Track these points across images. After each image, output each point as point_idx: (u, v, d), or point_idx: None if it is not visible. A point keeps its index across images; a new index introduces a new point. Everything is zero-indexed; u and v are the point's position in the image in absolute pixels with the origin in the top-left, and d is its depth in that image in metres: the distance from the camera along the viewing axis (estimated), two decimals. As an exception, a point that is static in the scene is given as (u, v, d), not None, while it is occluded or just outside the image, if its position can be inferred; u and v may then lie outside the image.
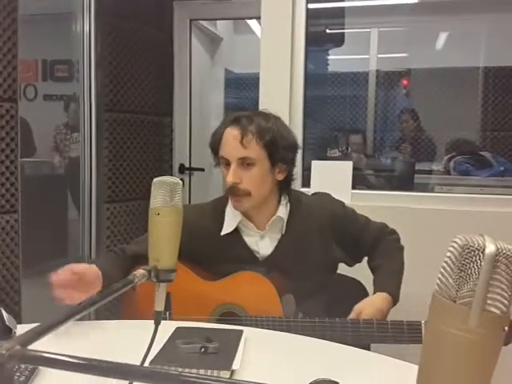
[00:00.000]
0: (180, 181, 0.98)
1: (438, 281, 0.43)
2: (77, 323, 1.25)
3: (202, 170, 3.65)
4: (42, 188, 3.54)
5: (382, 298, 1.43)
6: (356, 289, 1.63)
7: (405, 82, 4.62)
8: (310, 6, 2.39)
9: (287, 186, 1.56)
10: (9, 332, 1.11)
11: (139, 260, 0.91)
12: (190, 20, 3.70)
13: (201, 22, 3.86)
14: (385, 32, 4.50)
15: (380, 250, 1.58)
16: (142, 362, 0.89)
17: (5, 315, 1.13)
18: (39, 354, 0.64)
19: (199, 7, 3.69)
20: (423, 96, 4.45)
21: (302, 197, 1.62)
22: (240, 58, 4.79)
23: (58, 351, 0.70)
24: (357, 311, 1.39)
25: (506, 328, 0.41)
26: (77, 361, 0.56)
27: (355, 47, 4.56)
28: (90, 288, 1.26)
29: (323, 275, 1.52)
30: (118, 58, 3.20)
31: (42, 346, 0.60)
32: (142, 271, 0.86)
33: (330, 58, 4.48)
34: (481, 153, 3.28)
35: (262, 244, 1.53)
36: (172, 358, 1.09)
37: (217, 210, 1.57)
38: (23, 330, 0.60)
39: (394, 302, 1.46)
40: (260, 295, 1.41)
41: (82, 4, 2.99)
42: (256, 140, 1.43)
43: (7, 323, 1.12)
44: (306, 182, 2.35)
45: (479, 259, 0.41)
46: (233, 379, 0.85)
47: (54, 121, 4.07)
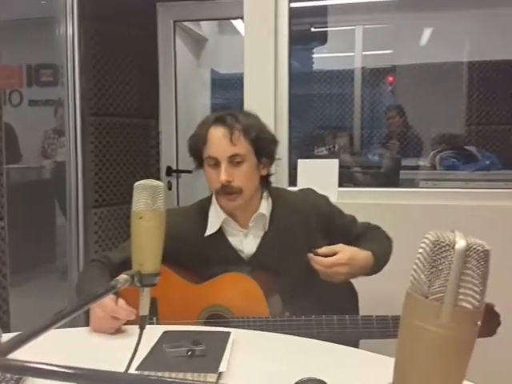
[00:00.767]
0: (162, 184, 0.97)
1: (411, 277, 0.43)
2: (60, 330, 1.24)
3: (190, 171, 3.64)
4: (28, 194, 3.52)
5: (363, 252, 1.47)
6: (344, 287, 1.63)
7: (390, 79, 4.64)
8: (293, 4, 2.39)
9: (268, 181, 1.59)
10: (-7, 341, 1.10)
11: (127, 267, 0.91)
12: (174, 21, 3.69)
13: (185, 23, 3.84)
14: (369, 29, 4.51)
15: (367, 238, 1.59)
16: (127, 368, 0.88)
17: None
18: (20, 364, 0.63)
19: (183, 8, 3.68)
20: (409, 92, 4.47)
21: (284, 193, 1.63)
22: (226, 58, 4.78)
23: (42, 359, 0.70)
24: (331, 249, 1.42)
25: (479, 322, 0.41)
26: (59, 369, 0.56)
27: (340, 45, 4.57)
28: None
29: (309, 271, 1.51)
30: (102, 61, 3.18)
31: (25, 354, 0.60)
32: (124, 276, 0.86)
33: (315, 56, 4.49)
34: (466, 147, 3.30)
35: (246, 243, 1.53)
36: (159, 363, 1.09)
37: (200, 212, 1.57)
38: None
39: (374, 265, 1.48)
40: (246, 296, 1.41)
41: (65, 8, 2.98)
42: (243, 136, 1.45)
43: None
44: (292, 181, 2.35)
45: (450, 255, 0.41)
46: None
47: (39, 126, 4.04)
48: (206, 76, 4.39)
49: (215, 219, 1.53)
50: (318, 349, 1.21)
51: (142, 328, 0.90)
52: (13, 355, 0.59)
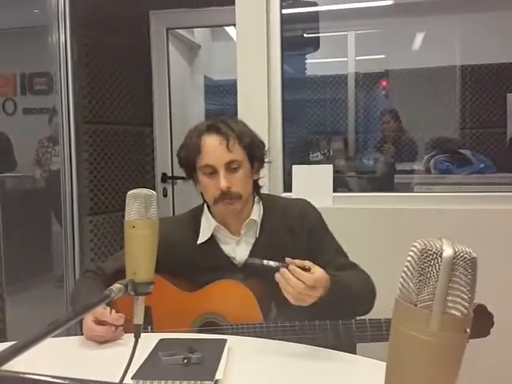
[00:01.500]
0: (154, 193, 0.98)
1: (400, 285, 0.43)
2: (55, 339, 1.23)
3: (185, 178, 3.64)
4: (23, 203, 3.50)
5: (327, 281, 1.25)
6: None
7: (383, 84, 4.65)
8: (285, 11, 2.40)
9: (258, 186, 1.59)
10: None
11: (120, 277, 0.91)
12: (167, 29, 3.71)
13: (178, 30, 3.86)
14: (361, 34, 4.53)
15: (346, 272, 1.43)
16: (123, 377, 0.88)
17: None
18: (14, 375, 0.63)
19: (175, 16, 3.69)
20: (402, 96, 4.49)
21: (276, 199, 1.63)
22: (219, 64, 4.78)
23: (37, 369, 0.70)
24: (304, 264, 1.23)
25: (468, 330, 0.42)
26: (54, 380, 0.56)
27: (333, 50, 4.58)
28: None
29: None
30: (96, 69, 3.19)
31: (20, 363, 0.60)
32: (118, 285, 0.86)
33: (308, 61, 4.50)
34: (460, 151, 3.31)
35: (239, 250, 1.53)
36: (154, 371, 1.09)
37: (193, 220, 1.57)
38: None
39: (328, 292, 1.25)
40: (239, 303, 1.41)
41: (58, 16, 2.98)
42: (238, 143, 1.47)
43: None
44: (287, 187, 2.35)
45: (437, 263, 0.42)
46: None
47: (34, 135, 4.03)
48: (199, 83, 4.40)
49: (207, 227, 1.54)
50: (315, 355, 1.21)
51: (136, 337, 0.90)
52: (6, 365, 0.59)
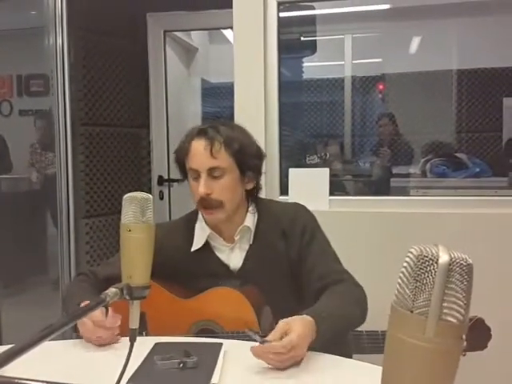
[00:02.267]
0: (151, 196, 0.97)
1: (396, 291, 0.43)
2: (50, 343, 1.23)
3: (182, 181, 3.63)
4: (19, 205, 3.49)
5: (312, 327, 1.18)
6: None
7: (380, 87, 4.67)
8: (282, 14, 2.41)
9: (255, 195, 1.56)
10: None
11: (112, 283, 0.90)
12: (164, 31, 3.71)
13: (175, 33, 3.86)
14: (358, 38, 4.55)
15: (332, 291, 1.36)
16: (118, 381, 0.88)
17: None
18: (8, 380, 0.63)
19: (173, 18, 3.69)
20: (398, 100, 4.50)
21: (271, 205, 1.60)
22: (216, 67, 4.79)
23: (32, 373, 0.69)
24: (279, 331, 1.14)
25: (464, 336, 0.42)
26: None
27: (330, 54, 4.59)
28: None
29: (295, 282, 1.50)
30: (92, 71, 3.19)
31: (14, 367, 0.59)
32: (113, 289, 0.85)
33: (305, 65, 4.51)
34: (456, 154, 3.32)
35: (233, 257, 1.52)
36: (150, 375, 1.08)
37: (187, 226, 1.56)
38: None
39: (319, 333, 1.19)
40: (235, 310, 1.40)
41: (54, 18, 2.98)
42: (224, 149, 1.44)
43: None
44: (284, 190, 2.36)
45: (433, 269, 0.42)
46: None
47: (30, 136, 4.02)
48: (196, 85, 4.40)
49: (201, 234, 1.53)
50: (312, 359, 1.20)
51: (132, 341, 0.90)
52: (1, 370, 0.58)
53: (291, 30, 2.96)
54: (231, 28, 2.37)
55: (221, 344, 1.23)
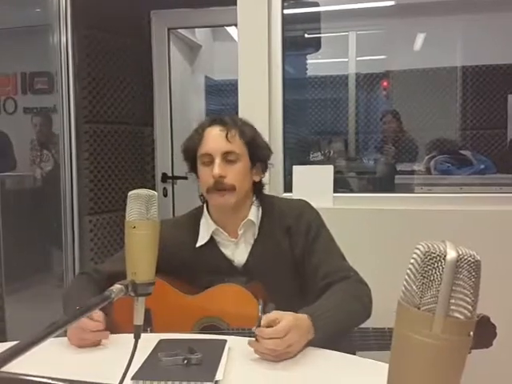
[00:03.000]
0: (156, 193, 0.97)
1: (403, 287, 0.43)
2: (54, 340, 1.23)
3: (185, 178, 3.64)
4: (23, 202, 3.50)
5: (308, 327, 1.21)
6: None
7: (384, 84, 4.65)
8: (286, 11, 2.40)
9: (260, 189, 1.58)
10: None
11: (116, 280, 0.90)
12: (168, 29, 3.71)
13: (179, 30, 3.85)
14: (362, 35, 4.53)
15: (333, 290, 1.37)
16: (123, 378, 0.88)
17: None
18: (13, 377, 0.63)
19: (177, 16, 3.69)
20: (403, 97, 4.48)
21: (276, 201, 1.60)
22: (220, 64, 4.78)
23: (36, 370, 0.69)
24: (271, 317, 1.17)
25: (472, 333, 0.41)
26: (53, 382, 0.55)
27: (334, 51, 4.58)
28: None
29: (299, 279, 1.49)
30: (97, 69, 3.19)
31: (18, 364, 0.60)
32: (118, 286, 0.85)
33: (309, 62, 4.50)
34: (461, 151, 3.30)
35: (238, 252, 1.52)
36: (154, 372, 1.08)
37: (192, 222, 1.56)
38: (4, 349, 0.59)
39: (314, 339, 1.21)
40: (240, 306, 1.40)
41: (59, 16, 2.98)
42: (239, 136, 1.47)
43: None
44: (288, 188, 2.35)
45: (441, 265, 0.41)
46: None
47: (33, 134, 4.04)
48: (200, 82, 4.40)
49: (205, 230, 1.53)
50: (316, 356, 1.20)
51: (136, 337, 0.90)
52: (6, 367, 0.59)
53: (295, 27, 2.95)
54: (235, 25, 2.37)
55: (225, 341, 1.23)
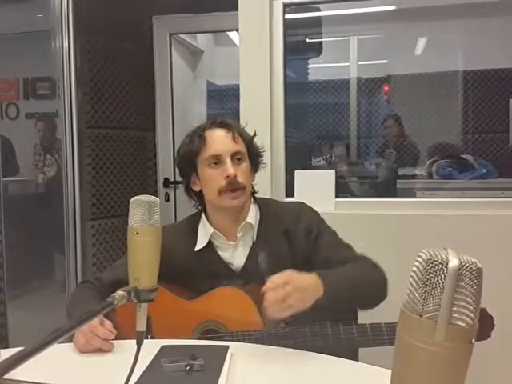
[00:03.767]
0: (158, 199, 0.98)
1: (406, 295, 0.43)
2: (57, 346, 1.23)
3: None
4: (25, 207, 3.51)
5: (316, 284, 1.25)
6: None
7: (386, 88, 4.66)
8: (288, 16, 2.41)
9: (254, 192, 1.59)
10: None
11: (118, 287, 0.90)
12: (170, 34, 3.72)
13: (181, 35, 3.87)
14: (364, 40, 4.54)
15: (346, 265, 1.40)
16: (125, 384, 0.88)
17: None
18: None
19: (178, 21, 3.70)
20: (404, 101, 4.49)
21: (272, 204, 1.61)
22: (222, 69, 4.80)
23: (39, 377, 0.69)
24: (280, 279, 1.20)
25: (474, 341, 0.42)
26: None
27: (335, 55, 4.59)
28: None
29: None
30: (99, 74, 3.20)
31: (20, 371, 0.60)
32: (121, 292, 0.86)
33: (310, 66, 4.51)
34: (463, 156, 3.31)
35: (236, 255, 1.52)
36: (157, 379, 1.08)
37: (190, 228, 1.56)
38: (8, 355, 0.59)
39: (325, 288, 1.24)
40: (239, 309, 1.40)
41: (61, 21, 2.99)
42: (241, 137, 1.50)
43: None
44: (289, 192, 2.35)
45: (443, 273, 0.41)
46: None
47: (36, 139, 4.05)
48: (202, 88, 4.41)
49: (204, 234, 1.53)
50: (318, 362, 1.20)
51: (139, 344, 0.90)
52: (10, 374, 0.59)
53: (297, 31, 2.96)
54: (237, 30, 2.38)
55: (227, 347, 1.23)
